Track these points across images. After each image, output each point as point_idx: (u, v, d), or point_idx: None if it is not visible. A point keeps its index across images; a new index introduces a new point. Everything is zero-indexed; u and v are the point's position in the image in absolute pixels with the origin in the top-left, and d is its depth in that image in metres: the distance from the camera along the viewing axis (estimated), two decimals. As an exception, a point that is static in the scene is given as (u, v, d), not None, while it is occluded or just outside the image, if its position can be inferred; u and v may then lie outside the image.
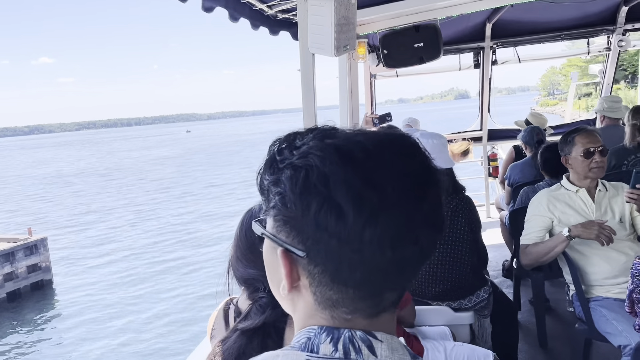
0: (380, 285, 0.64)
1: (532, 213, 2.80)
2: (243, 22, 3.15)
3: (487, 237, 5.17)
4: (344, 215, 0.58)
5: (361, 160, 0.60)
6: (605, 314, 2.47)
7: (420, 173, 0.63)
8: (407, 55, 4.62)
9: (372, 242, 0.59)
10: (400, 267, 0.62)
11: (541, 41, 6.04)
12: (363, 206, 0.58)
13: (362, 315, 0.65)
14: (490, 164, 6.60)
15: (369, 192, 0.59)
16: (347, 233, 0.59)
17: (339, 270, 0.62)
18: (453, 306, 2.64)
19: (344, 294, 0.63)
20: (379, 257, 0.60)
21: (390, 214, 0.59)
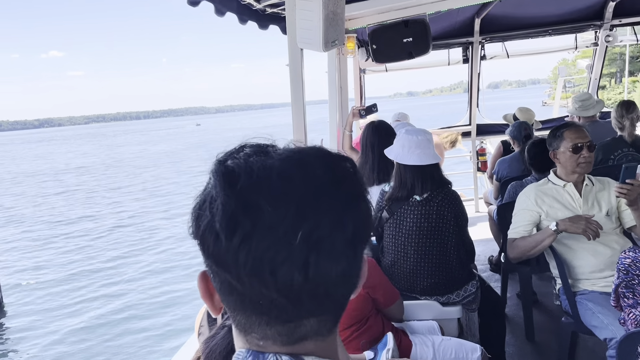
0: (285, 313, 0.60)
1: (520, 207, 2.81)
2: (230, 16, 3.13)
3: (475, 232, 5.22)
4: (219, 239, 0.57)
5: (242, 183, 0.58)
6: (591, 308, 2.50)
7: (306, 195, 0.58)
8: (396, 50, 4.62)
9: (247, 267, 0.56)
10: (293, 295, 0.58)
11: (529, 36, 6.06)
12: (236, 231, 0.56)
13: (276, 342, 0.62)
14: (478, 159, 6.63)
15: (242, 217, 0.56)
16: (224, 257, 0.57)
17: (231, 296, 0.60)
18: (441, 301, 2.66)
19: (249, 320, 0.61)
20: (259, 285, 0.57)
21: (265, 239, 0.56)
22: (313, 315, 0.61)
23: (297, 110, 3.08)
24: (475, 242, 4.91)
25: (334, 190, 0.59)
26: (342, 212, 0.59)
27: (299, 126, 3.14)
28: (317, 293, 0.58)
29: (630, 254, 2.03)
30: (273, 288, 0.57)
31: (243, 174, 0.58)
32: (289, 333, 0.61)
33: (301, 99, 3.03)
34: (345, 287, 0.62)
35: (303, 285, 0.57)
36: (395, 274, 2.71)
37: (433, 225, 2.60)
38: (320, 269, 0.57)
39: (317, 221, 0.57)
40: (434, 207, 2.60)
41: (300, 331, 0.62)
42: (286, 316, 0.60)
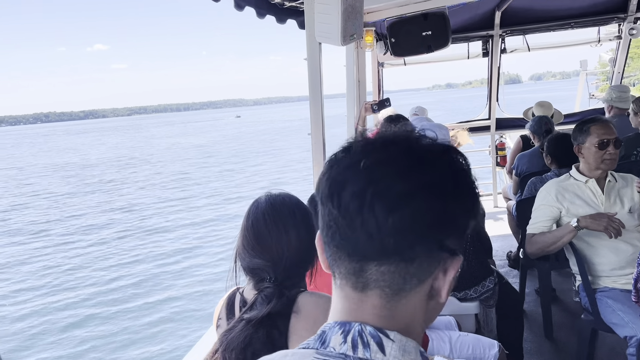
0: (353, 251, 0.66)
1: (540, 202, 2.77)
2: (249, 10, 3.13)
3: (494, 227, 5.19)
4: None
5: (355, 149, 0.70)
6: (611, 305, 2.47)
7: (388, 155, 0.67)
8: (415, 44, 4.58)
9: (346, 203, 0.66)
10: (348, 216, 0.65)
11: (551, 29, 5.96)
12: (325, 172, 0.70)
13: (348, 282, 0.68)
14: (497, 153, 6.56)
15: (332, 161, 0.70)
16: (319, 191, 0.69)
17: (324, 233, 0.69)
18: (458, 296, 2.65)
19: (334, 256, 0.69)
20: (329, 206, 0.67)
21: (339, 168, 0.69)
22: (371, 258, 0.65)
23: (315, 105, 3.09)
24: (494, 237, 4.89)
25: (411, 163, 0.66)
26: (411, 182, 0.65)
27: (317, 120, 3.14)
28: (369, 227, 0.64)
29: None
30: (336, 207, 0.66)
31: (340, 151, 0.70)
32: (355, 273, 0.67)
33: (319, 93, 3.03)
34: (399, 242, 0.64)
35: (358, 211, 0.64)
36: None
37: None
38: (374, 209, 0.63)
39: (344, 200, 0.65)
40: None
41: (364, 276, 0.66)
42: (350, 248, 0.66)
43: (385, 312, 0.67)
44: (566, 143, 3.48)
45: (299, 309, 1.34)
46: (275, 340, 1.30)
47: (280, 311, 1.32)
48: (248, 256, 1.43)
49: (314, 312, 1.35)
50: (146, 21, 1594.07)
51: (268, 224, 1.41)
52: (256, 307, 1.34)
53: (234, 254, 1.47)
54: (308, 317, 1.34)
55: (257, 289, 1.41)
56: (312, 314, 1.34)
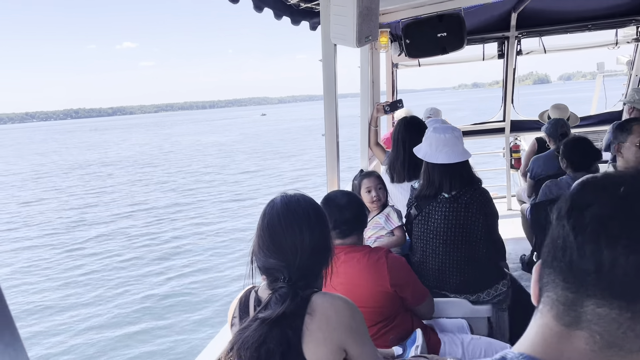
0: (572, 278, 0.60)
1: None
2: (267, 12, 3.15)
3: (507, 230, 5.14)
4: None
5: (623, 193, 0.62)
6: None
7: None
8: (430, 45, 4.58)
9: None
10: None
11: (568, 31, 5.90)
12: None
13: (552, 312, 0.63)
14: (512, 156, 6.52)
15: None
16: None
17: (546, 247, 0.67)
18: (471, 299, 2.65)
19: (546, 272, 0.65)
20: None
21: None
22: (591, 294, 0.59)
23: (329, 105, 3.10)
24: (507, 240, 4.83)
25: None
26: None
27: (331, 121, 3.15)
28: (601, 258, 0.57)
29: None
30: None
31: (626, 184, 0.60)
32: (566, 303, 0.61)
33: (333, 94, 3.05)
34: (633, 286, 0.58)
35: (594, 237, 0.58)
36: (424, 271, 2.71)
37: (461, 223, 2.58)
38: (614, 243, 0.57)
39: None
40: (462, 204, 2.58)
41: (577, 311, 0.60)
42: (570, 274, 0.60)
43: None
44: (582, 146, 3.45)
45: (313, 310, 1.35)
46: (289, 339, 1.31)
47: (295, 311, 1.33)
48: (263, 256, 1.44)
49: (328, 313, 1.36)
50: (173, 20, 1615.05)
51: (282, 224, 1.42)
52: (270, 306, 1.35)
53: (250, 254, 1.48)
54: (322, 317, 1.35)
55: (271, 288, 1.42)
56: (325, 314, 1.35)
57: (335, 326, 1.35)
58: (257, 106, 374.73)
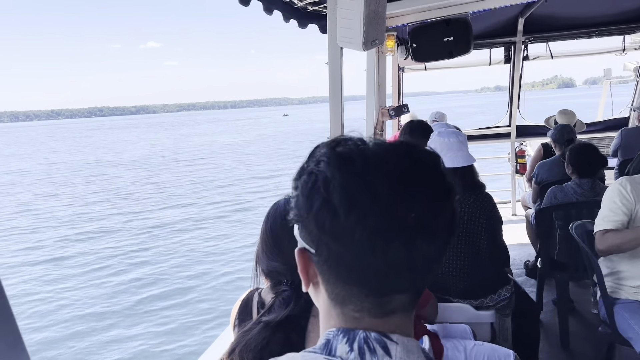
0: (384, 286, 0.66)
1: (612, 198, 2.53)
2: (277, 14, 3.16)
3: (511, 236, 5.14)
4: (337, 215, 0.63)
5: (359, 166, 0.64)
6: (628, 319, 2.43)
7: (416, 181, 0.65)
8: (437, 49, 4.58)
9: (362, 241, 0.62)
10: (397, 269, 0.64)
11: (575, 37, 5.90)
12: (354, 207, 0.62)
13: (370, 314, 0.68)
14: (517, 161, 6.51)
15: (361, 195, 0.62)
16: (340, 232, 0.63)
17: (339, 269, 0.66)
18: (475, 304, 2.64)
19: (349, 292, 0.67)
20: (371, 257, 0.63)
21: (381, 217, 0.62)
22: (405, 290, 0.67)
23: (334, 108, 3.11)
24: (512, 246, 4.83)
25: (440, 181, 0.67)
26: (444, 202, 0.67)
27: (336, 124, 3.16)
28: (416, 269, 0.66)
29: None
30: (382, 260, 0.63)
31: (358, 158, 0.65)
32: (382, 305, 0.67)
33: (339, 97, 3.05)
34: (434, 267, 0.69)
35: (406, 260, 0.64)
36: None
37: (465, 228, 2.58)
38: (423, 249, 0.64)
39: (427, 207, 0.64)
40: (465, 209, 2.58)
41: (391, 305, 0.67)
42: (384, 289, 0.66)
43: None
44: (588, 153, 3.44)
45: (317, 312, 1.35)
46: (293, 342, 1.31)
47: (299, 314, 1.33)
48: (266, 259, 1.44)
49: None
50: (197, 20, 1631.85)
51: (285, 227, 1.42)
52: (274, 310, 1.35)
53: (254, 257, 1.49)
54: None
55: (274, 291, 1.43)
56: None
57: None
58: (278, 107, 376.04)
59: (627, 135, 4.81)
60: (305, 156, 0.72)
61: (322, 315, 0.73)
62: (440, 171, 0.68)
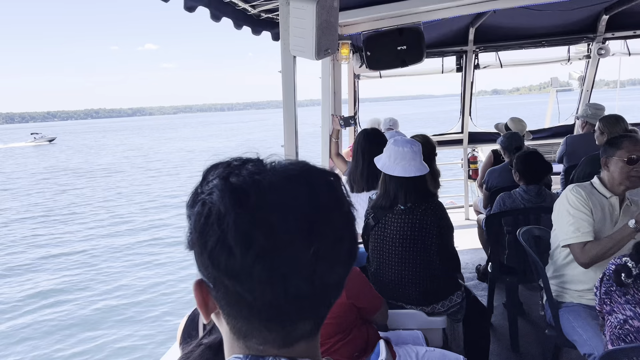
0: (286, 318, 0.64)
1: (577, 208, 2.58)
2: (226, 21, 3.13)
3: (465, 240, 5.26)
4: (233, 254, 0.60)
5: (254, 201, 0.61)
6: (572, 321, 2.52)
7: (315, 212, 0.63)
8: (390, 58, 4.65)
9: (261, 279, 0.60)
10: (298, 302, 0.63)
11: (523, 47, 6.10)
12: (251, 246, 0.60)
13: (274, 345, 0.66)
14: (470, 167, 6.66)
15: (257, 233, 0.60)
16: (237, 271, 0.61)
17: (239, 306, 0.64)
18: (426, 310, 2.68)
19: (251, 326, 0.65)
20: (271, 295, 0.61)
21: (280, 254, 0.60)
22: (309, 318, 0.66)
23: (288, 117, 3.10)
24: (465, 250, 4.94)
25: (337, 209, 0.66)
26: (342, 229, 0.66)
27: (290, 132, 3.15)
28: (318, 298, 0.65)
29: (618, 260, 2.03)
30: (283, 297, 0.62)
31: (253, 192, 0.62)
32: (286, 335, 0.66)
33: (292, 105, 3.05)
34: (337, 293, 0.68)
35: (309, 293, 0.63)
36: (380, 282, 2.73)
37: (416, 234, 2.62)
38: (324, 279, 0.64)
39: (325, 237, 0.63)
40: (417, 215, 2.62)
41: (297, 333, 0.66)
42: (288, 320, 0.65)
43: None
44: (533, 160, 3.56)
45: None
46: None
47: None
48: None
49: None
50: (194, 22, 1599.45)
51: None
52: (215, 330, 1.33)
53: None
54: None
55: None
56: None
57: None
58: (275, 109, 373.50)
59: (572, 142, 4.99)
60: (199, 177, 0.68)
61: (226, 342, 0.70)
62: (340, 199, 0.67)
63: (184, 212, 0.67)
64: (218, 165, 0.68)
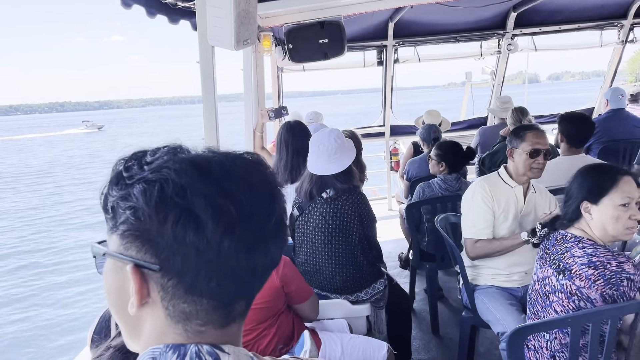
0: (233, 294, 0.65)
1: (478, 204, 2.71)
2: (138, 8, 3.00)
3: (388, 230, 5.39)
4: (202, 226, 0.60)
5: (217, 173, 0.62)
6: (486, 303, 2.65)
7: (268, 188, 0.66)
8: (312, 51, 4.66)
9: (229, 251, 0.61)
10: (252, 275, 0.65)
11: (439, 42, 6.33)
12: (221, 217, 0.60)
13: (214, 326, 0.66)
14: (392, 159, 6.84)
15: (227, 204, 0.61)
16: (205, 243, 0.60)
17: (194, 281, 0.62)
18: (351, 299, 2.72)
19: (197, 306, 0.64)
20: (234, 265, 0.62)
21: (246, 225, 0.62)
22: (245, 297, 0.68)
23: (208, 109, 3.02)
24: (388, 240, 5.05)
25: (277, 188, 0.68)
26: (283, 209, 0.69)
27: (210, 125, 3.08)
28: (261, 276, 0.67)
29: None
30: (243, 269, 0.63)
31: (214, 165, 0.63)
32: (227, 315, 0.66)
33: (212, 97, 2.97)
34: (269, 274, 0.70)
35: (262, 268, 0.66)
36: (306, 272, 2.74)
37: (338, 224, 2.65)
38: (274, 255, 0.67)
39: (278, 214, 0.66)
40: (338, 205, 2.65)
41: (234, 313, 0.67)
42: (232, 298, 0.66)
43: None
44: (456, 149, 3.72)
45: None
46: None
47: None
48: None
49: None
50: (159, 19, 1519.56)
51: None
52: None
53: None
54: None
55: None
56: None
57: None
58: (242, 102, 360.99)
59: (485, 133, 5.26)
60: (113, 164, 0.66)
61: (150, 335, 0.67)
62: (276, 180, 0.70)
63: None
64: (135, 154, 0.66)
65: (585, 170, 2.01)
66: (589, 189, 1.95)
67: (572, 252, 1.90)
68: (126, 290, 0.65)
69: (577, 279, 1.83)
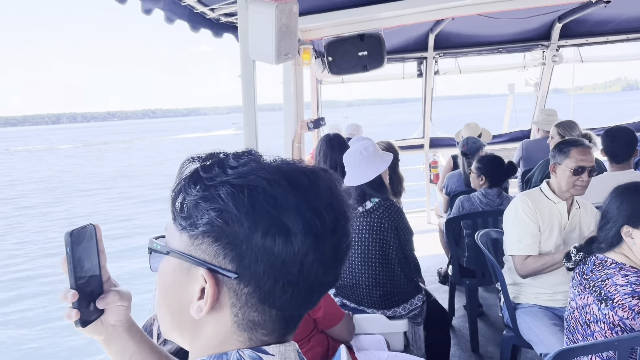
0: (299, 307, 0.66)
1: (521, 219, 2.64)
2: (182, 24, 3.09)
3: (427, 244, 5.31)
4: (292, 238, 0.60)
5: (305, 187, 0.63)
6: (528, 322, 2.57)
7: (345, 208, 0.67)
8: (352, 63, 4.67)
9: (312, 266, 0.62)
10: (321, 291, 0.67)
11: (481, 53, 6.25)
12: (310, 231, 0.61)
13: (275, 336, 0.67)
14: (431, 171, 6.76)
15: (314, 219, 0.62)
16: (292, 255, 0.61)
17: (271, 291, 0.63)
18: (388, 314, 2.69)
19: (266, 316, 0.65)
20: (312, 280, 0.64)
21: (327, 242, 0.63)
22: (306, 311, 0.69)
23: (248, 122, 3.06)
24: (426, 254, 4.98)
25: (351, 209, 0.69)
26: (351, 231, 0.70)
27: (251, 137, 3.12)
28: (324, 292, 0.69)
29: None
30: (317, 284, 0.65)
31: (303, 178, 0.64)
32: (286, 326, 0.67)
33: (253, 110, 3.01)
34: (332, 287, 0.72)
35: (328, 284, 0.67)
36: (343, 286, 2.73)
37: (375, 237, 2.63)
38: (337, 274, 0.68)
39: (350, 236, 0.68)
40: (375, 218, 2.63)
41: (292, 324, 0.68)
42: (300, 310, 0.67)
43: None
44: (497, 163, 3.65)
45: None
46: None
47: None
48: None
49: None
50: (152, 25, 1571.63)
51: None
52: (169, 342, 1.29)
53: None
54: None
55: None
56: None
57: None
58: (325, 109, 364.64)
59: (528, 147, 5.12)
60: (183, 162, 0.65)
61: (209, 341, 0.66)
62: (346, 196, 0.70)
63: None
64: (213, 155, 0.66)
65: (622, 191, 1.90)
66: (631, 212, 1.85)
67: (614, 279, 1.81)
68: (188, 291, 0.65)
69: (620, 310, 1.75)
